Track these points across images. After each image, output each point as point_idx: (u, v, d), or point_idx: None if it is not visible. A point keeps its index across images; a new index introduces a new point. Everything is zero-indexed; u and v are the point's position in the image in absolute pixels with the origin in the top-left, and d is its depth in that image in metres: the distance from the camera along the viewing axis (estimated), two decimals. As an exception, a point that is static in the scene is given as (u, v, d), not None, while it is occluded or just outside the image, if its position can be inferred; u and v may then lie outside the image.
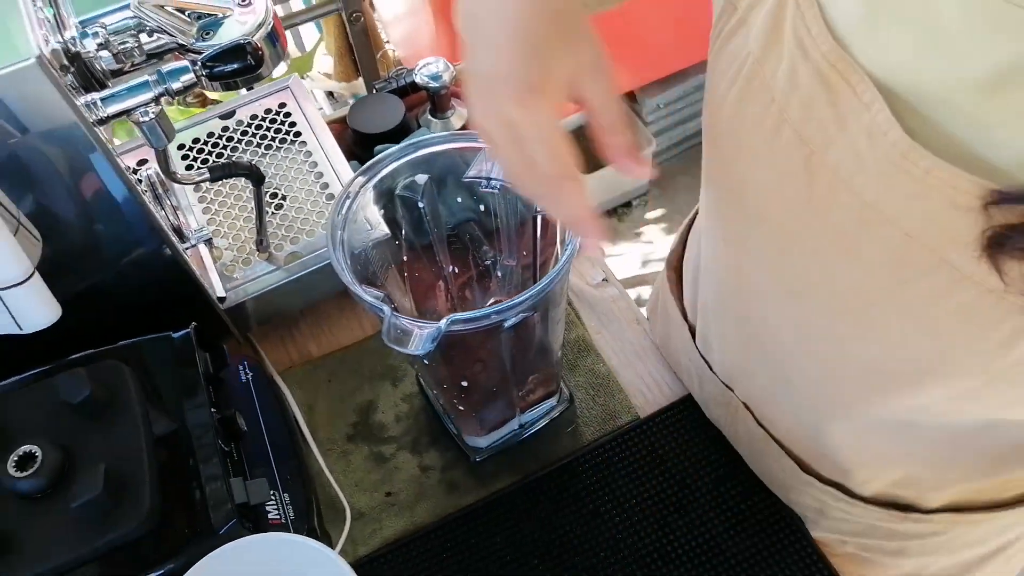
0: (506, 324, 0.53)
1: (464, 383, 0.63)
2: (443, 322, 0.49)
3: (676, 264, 0.79)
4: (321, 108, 1.91)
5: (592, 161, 0.45)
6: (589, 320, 0.84)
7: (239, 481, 0.58)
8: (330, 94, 1.93)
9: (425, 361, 0.61)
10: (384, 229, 0.71)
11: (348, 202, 0.57)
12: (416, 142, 0.60)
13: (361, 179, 0.59)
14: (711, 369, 0.70)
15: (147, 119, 0.59)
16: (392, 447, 0.77)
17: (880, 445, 0.55)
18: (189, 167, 0.85)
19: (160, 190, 0.67)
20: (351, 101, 1.94)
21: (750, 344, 0.61)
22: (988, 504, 0.59)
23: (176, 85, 0.59)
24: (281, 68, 1.84)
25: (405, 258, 0.67)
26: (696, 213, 0.75)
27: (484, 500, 0.73)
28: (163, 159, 0.63)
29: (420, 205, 0.62)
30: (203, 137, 0.87)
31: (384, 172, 0.60)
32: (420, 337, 0.49)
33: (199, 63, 0.59)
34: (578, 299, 0.86)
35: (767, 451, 0.67)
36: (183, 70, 0.58)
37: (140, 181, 0.69)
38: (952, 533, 0.61)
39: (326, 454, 0.76)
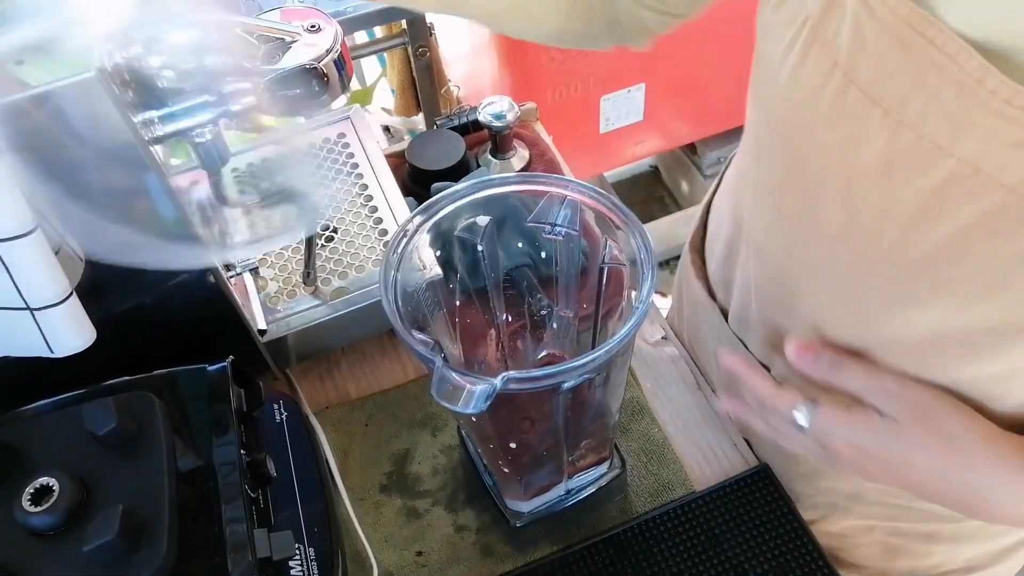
0: (564, 386, 0.48)
1: (512, 444, 0.58)
2: (498, 380, 0.44)
3: (699, 245, 0.77)
4: (377, 142, 1.91)
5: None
6: (645, 380, 0.79)
7: (263, 533, 0.54)
8: (386, 129, 1.93)
9: (473, 418, 0.56)
10: (437, 271, 0.67)
11: (404, 241, 0.54)
12: (479, 182, 0.56)
13: (419, 218, 0.55)
14: (747, 348, 0.68)
15: (203, 140, 0.56)
16: (427, 502, 0.72)
17: None
18: (241, 191, 0.82)
19: (209, 213, 0.65)
20: (407, 137, 1.94)
21: (796, 324, 0.58)
22: None
23: (236, 107, 0.56)
24: (340, 100, 1.84)
25: (458, 303, 0.63)
26: (716, 190, 0.74)
27: (521, 569, 0.67)
28: (216, 182, 0.60)
29: (479, 248, 0.58)
30: (256, 161, 0.84)
31: (444, 212, 0.57)
32: (472, 395, 0.44)
33: (263, 86, 0.56)
34: (635, 357, 0.81)
35: None
36: (244, 92, 0.56)
37: (190, 203, 0.67)
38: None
39: (357, 504, 0.72)
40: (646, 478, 0.72)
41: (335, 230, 0.80)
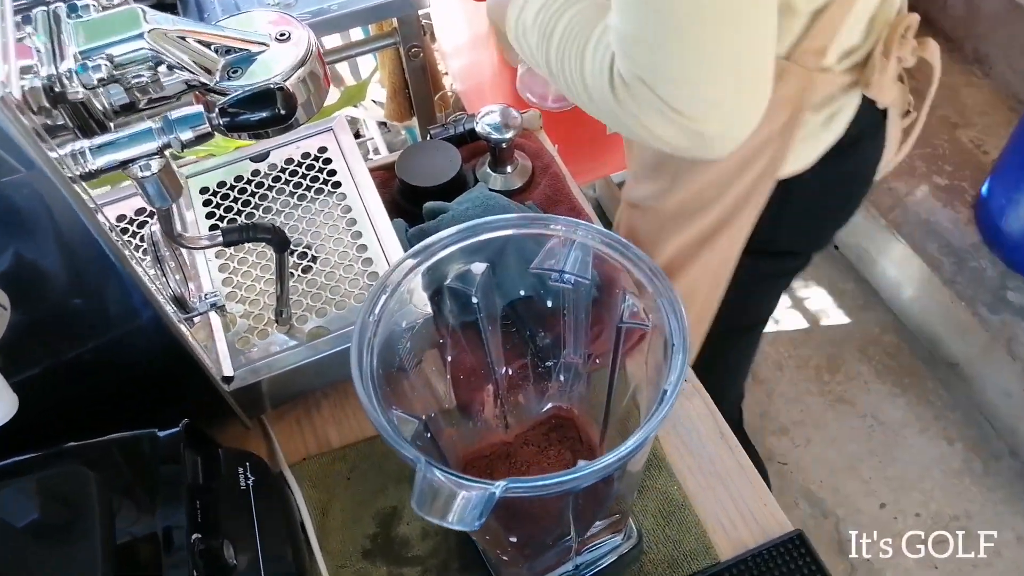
0: (580, 487, 0.39)
1: (513, 539, 0.49)
2: (498, 487, 0.36)
3: None
4: (371, 141, 1.82)
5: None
6: (663, 428, 0.70)
7: (218, 639, 0.46)
8: (383, 124, 1.83)
9: None
10: (427, 309, 0.58)
11: (384, 298, 0.45)
12: (475, 225, 0.48)
13: (402, 269, 0.47)
14: None
15: (148, 174, 0.47)
16: (416, 571, 0.64)
17: None
18: (211, 214, 0.74)
19: (163, 251, 0.56)
20: (404, 133, 1.85)
21: None
22: None
23: (186, 135, 0.47)
24: (333, 95, 1.75)
25: (449, 357, 0.54)
26: None
27: (523, 654, 0.59)
28: (166, 219, 0.52)
29: (474, 300, 0.50)
30: (230, 181, 0.76)
31: (434, 260, 0.48)
32: (465, 503, 0.36)
33: (216, 110, 0.47)
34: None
35: None
36: (195, 117, 0.47)
37: (134, 235, 0.58)
38: None
39: (336, 573, 0.63)
40: (664, 545, 0.64)
41: (313, 259, 0.71)
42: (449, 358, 0.54)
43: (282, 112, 0.48)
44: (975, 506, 1.44)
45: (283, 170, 0.76)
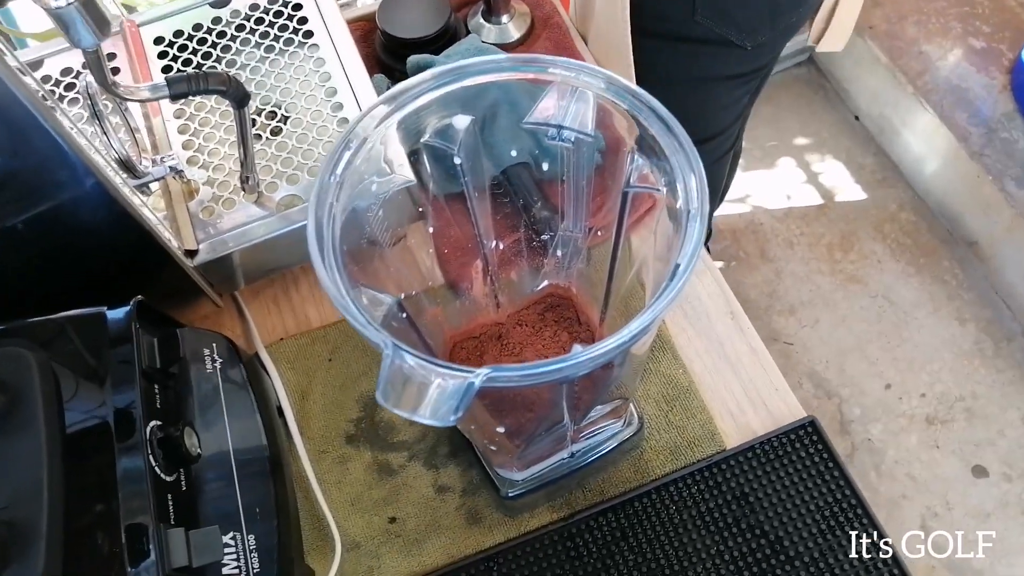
0: (574, 376, 0.34)
1: (500, 429, 0.45)
2: (477, 376, 0.30)
3: None
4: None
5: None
6: (670, 310, 0.65)
7: (179, 533, 0.42)
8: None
9: None
10: (407, 173, 0.51)
11: (349, 155, 0.38)
12: (458, 67, 0.40)
13: (371, 119, 0.40)
14: None
15: (64, 5, 0.39)
16: (402, 456, 0.60)
17: None
18: (167, 68, 0.65)
19: (100, 106, 0.48)
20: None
21: None
22: None
23: (104, -45, 0.39)
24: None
25: (431, 229, 0.48)
26: None
27: (515, 541, 0.56)
28: (96, 64, 0.44)
29: (456, 161, 0.43)
30: (188, 30, 0.67)
31: (410, 108, 0.41)
32: (439, 394, 0.31)
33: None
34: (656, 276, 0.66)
35: None
36: (113, -69, 0.38)
37: (77, 77, 0.51)
38: None
39: (318, 459, 0.60)
40: (667, 431, 0.60)
41: (284, 119, 0.63)
42: (431, 230, 0.48)
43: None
44: (982, 387, 1.41)
45: (247, 18, 0.67)
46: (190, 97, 0.49)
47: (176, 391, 0.48)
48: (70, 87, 0.64)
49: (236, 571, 0.46)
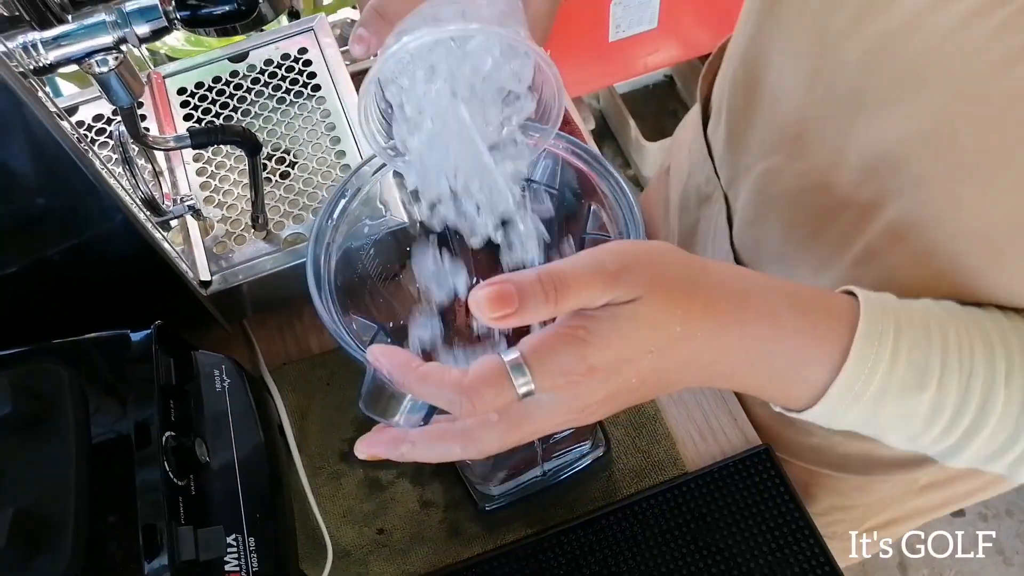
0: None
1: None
2: (444, 392, 0.36)
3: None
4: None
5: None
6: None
7: (188, 531, 0.47)
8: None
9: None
10: (400, 215, 0.58)
11: (344, 202, 0.44)
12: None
13: (369, 168, 0.46)
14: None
15: (104, 71, 0.46)
16: (391, 473, 0.65)
17: None
18: (188, 116, 0.72)
19: (131, 152, 0.55)
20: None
21: None
22: None
23: (142, 29, 0.46)
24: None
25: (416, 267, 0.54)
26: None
27: (492, 553, 0.61)
28: (130, 119, 0.51)
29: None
30: (208, 82, 0.74)
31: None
32: (411, 405, 0.36)
33: (174, 3, 0.46)
34: (628, 315, 0.72)
35: None
36: (151, 11, 0.45)
37: (108, 122, 0.57)
38: None
39: (314, 474, 0.65)
40: (633, 455, 0.65)
41: (292, 164, 0.70)
42: (416, 267, 0.54)
43: (243, 7, 0.46)
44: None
45: (262, 71, 0.74)
46: (208, 147, 0.56)
47: (189, 406, 0.54)
48: (101, 132, 0.71)
49: (237, 569, 0.51)
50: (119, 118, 0.56)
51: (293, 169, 0.70)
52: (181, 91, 0.74)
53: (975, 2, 0.35)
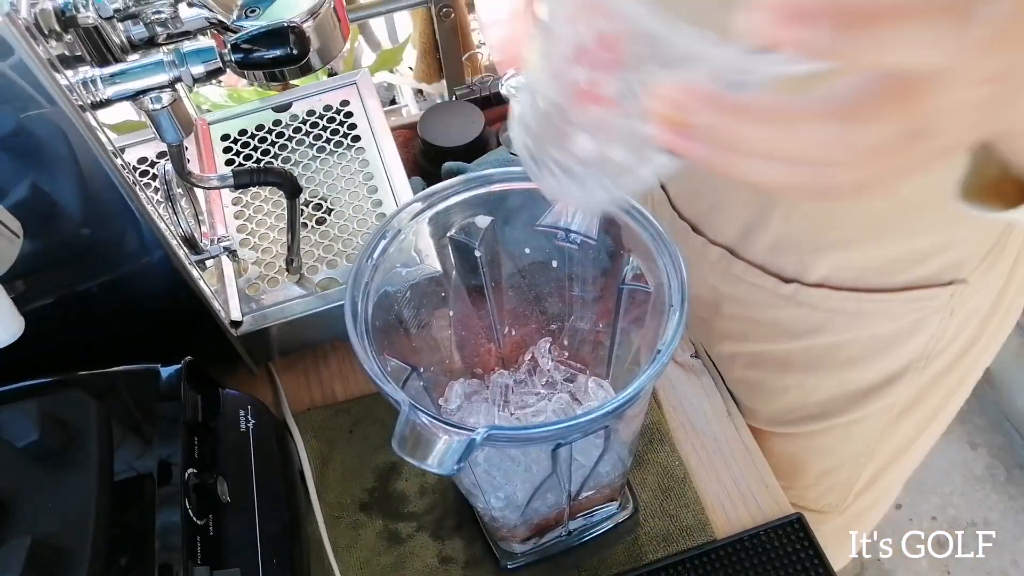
0: (566, 440, 0.39)
1: (500, 494, 0.49)
2: (478, 434, 0.35)
3: None
4: (405, 106, 1.81)
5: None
6: (669, 403, 0.70)
7: (204, 572, 0.46)
8: (419, 92, 1.82)
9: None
10: (435, 264, 0.58)
11: (384, 243, 0.45)
12: (485, 176, 0.47)
13: (406, 214, 0.46)
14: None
15: (158, 107, 0.47)
16: (411, 526, 0.64)
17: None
18: (230, 162, 0.74)
19: (175, 190, 0.56)
20: (439, 101, 1.83)
21: None
22: (867, 287, 0.59)
23: (198, 69, 0.47)
24: (369, 58, 1.74)
25: (451, 312, 0.54)
26: None
27: (511, 615, 0.59)
28: (177, 155, 0.52)
29: (476, 254, 0.49)
30: (251, 129, 0.76)
31: (441, 207, 0.47)
32: (445, 448, 0.36)
33: (229, 46, 0.47)
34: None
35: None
36: (207, 52, 0.47)
37: (152, 165, 0.58)
38: (833, 329, 0.62)
39: (332, 523, 0.64)
40: (661, 519, 0.63)
41: (329, 210, 0.71)
42: (452, 313, 0.54)
43: (294, 52, 0.47)
44: (994, 514, 1.41)
45: (304, 121, 0.76)
46: (250, 187, 0.57)
47: (213, 444, 0.53)
48: (144, 174, 0.73)
49: (250, 615, 0.50)
50: (165, 159, 0.57)
51: (329, 216, 0.70)
52: (224, 137, 0.75)
53: None
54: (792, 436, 0.71)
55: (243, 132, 0.76)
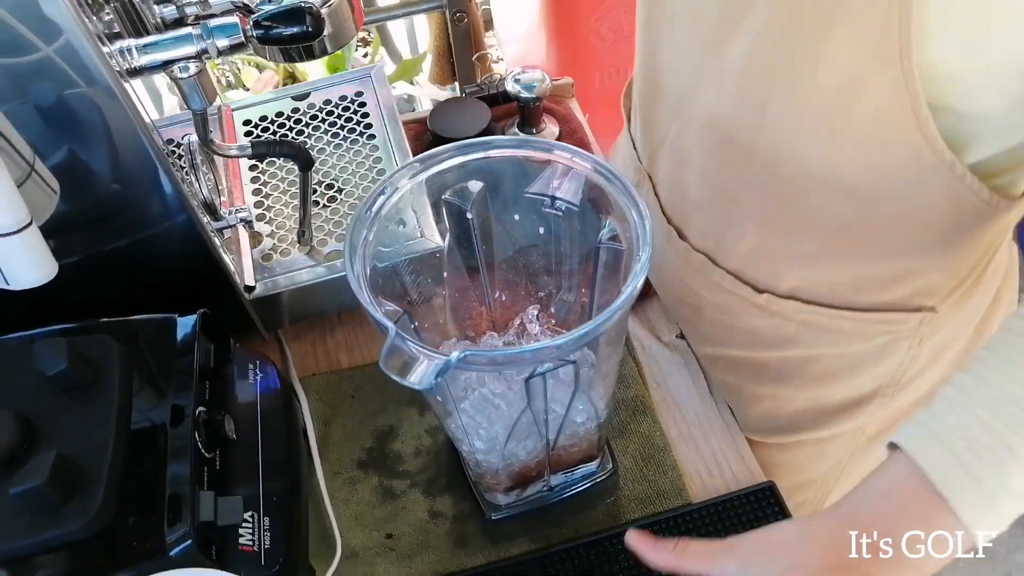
0: (537, 371, 0.43)
1: (482, 432, 0.53)
2: (454, 356, 0.40)
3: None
4: (414, 105, 1.86)
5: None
6: (653, 379, 0.73)
7: (209, 496, 0.51)
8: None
9: (438, 397, 0.52)
10: (436, 240, 0.63)
11: (383, 199, 0.49)
12: (480, 142, 0.52)
13: (405, 173, 0.51)
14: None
15: (186, 76, 0.53)
16: (404, 483, 0.68)
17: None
18: (251, 149, 0.79)
19: (198, 160, 0.61)
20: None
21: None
22: (836, 304, 0.61)
23: (222, 43, 0.52)
24: (390, 68, 1.81)
25: (445, 274, 0.58)
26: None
27: (495, 565, 0.63)
28: (201, 123, 0.57)
29: (468, 216, 0.54)
30: (271, 116, 0.81)
31: (435, 169, 0.52)
32: (424, 367, 0.40)
33: (251, 23, 0.52)
34: (644, 353, 0.75)
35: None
36: (232, 27, 0.52)
37: (179, 146, 0.64)
38: (805, 342, 0.65)
39: (331, 478, 0.68)
40: (640, 483, 0.67)
41: (339, 191, 0.76)
42: (445, 275, 0.58)
43: (310, 30, 0.52)
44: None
45: (320, 110, 0.82)
46: (267, 159, 0.62)
47: (222, 389, 0.58)
48: (170, 153, 0.78)
49: (250, 543, 0.54)
50: (188, 133, 0.62)
51: (340, 195, 0.75)
52: (246, 123, 0.81)
53: None
54: (765, 446, 0.72)
55: (263, 118, 0.81)
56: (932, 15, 0.41)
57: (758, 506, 0.65)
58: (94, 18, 0.50)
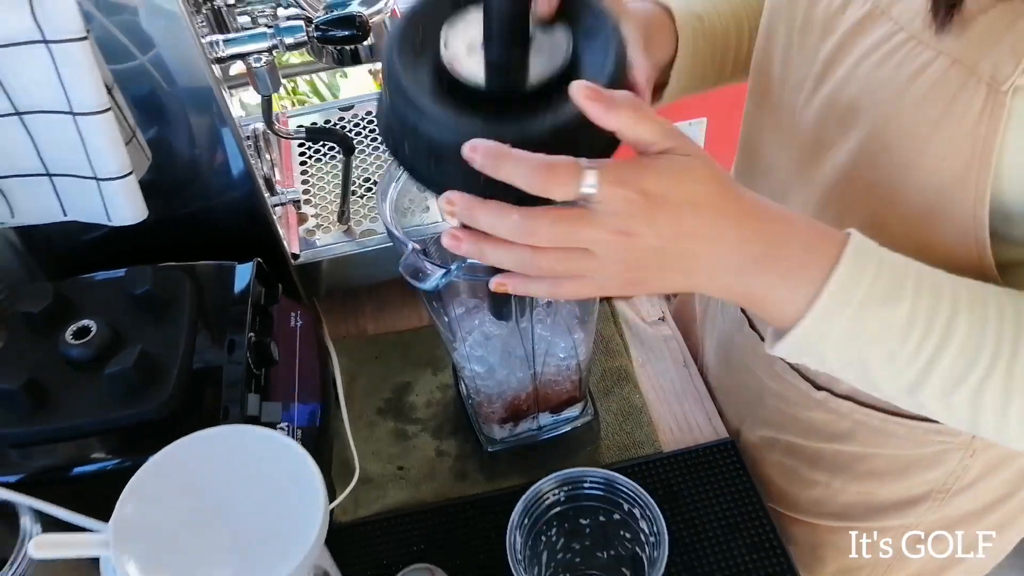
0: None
1: (478, 352, 0.64)
2: (454, 266, 0.51)
3: None
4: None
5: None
6: (636, 352, 0.84)
7: (255, 398, 0.62)
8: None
9: (434, 304, 0.63)
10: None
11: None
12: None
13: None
14: None
15: (259, 65, 0.67)
16: (416, 427, 0.79)
17: None
18: (300, 144, 0.93)
19: (262, 143, 0.75)
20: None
21: None
22: (888, 409, 0.63)
23: (289, 40, 0.66)
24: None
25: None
26: None
27: (488, 493, 0.73)
28: (267, 107, 0.71)
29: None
30: (320, 122, 0.95)
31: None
32: (432, 275, 0.52)
33: (313, 26, 0.66)
34: (630, 331, 0.86)
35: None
36: (297, 29, 0.66)
37: (248, 133, 0.78)
38: (860, 440, 0.66)
39: (354, 420, 0.79)
40: (619, 435, 0.77)
41: (375, 183, 0.89)
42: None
43: (358, 33, 0.66)
44: None
45: (363, 119, 0.96)
46: (317, 143, 0.75)
47: (270, 323, 0.70)
48: (235, 149, 0.92)
49: (285, 445, 0.65)
50: (254, 119, 0.76)
51: (375, 188, 0.89)
52: (299, 128, 0.95)
53: (868, 44, 0.50)
54: (816, 527, 0.74)
55: (314, 124, 0.95)
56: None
57: (719, 458, 0.74)
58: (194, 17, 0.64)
